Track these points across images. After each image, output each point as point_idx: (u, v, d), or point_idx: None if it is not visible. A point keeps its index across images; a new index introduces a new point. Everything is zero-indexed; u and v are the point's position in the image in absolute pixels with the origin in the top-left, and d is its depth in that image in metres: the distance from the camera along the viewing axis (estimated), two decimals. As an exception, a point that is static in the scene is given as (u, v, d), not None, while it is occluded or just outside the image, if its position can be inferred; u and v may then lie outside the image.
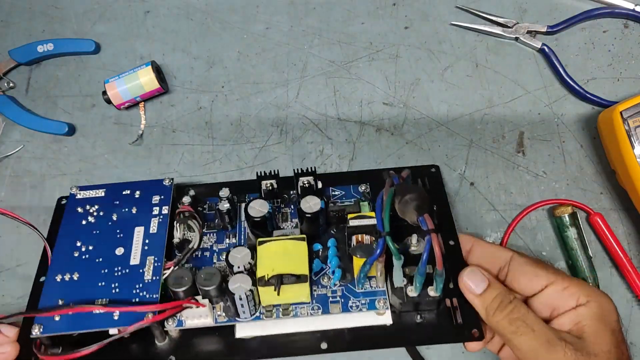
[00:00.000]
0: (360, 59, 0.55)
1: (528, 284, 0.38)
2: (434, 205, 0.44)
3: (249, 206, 0.41)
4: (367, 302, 0.39)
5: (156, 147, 0.53)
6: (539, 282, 0.38)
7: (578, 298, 0.36)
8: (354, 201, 0.45)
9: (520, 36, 0.55)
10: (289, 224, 0.44)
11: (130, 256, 0.41)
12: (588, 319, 0.36)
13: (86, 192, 0.45)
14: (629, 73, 0.54)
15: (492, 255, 0.40)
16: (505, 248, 0.40)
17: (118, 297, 0.39)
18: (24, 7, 0.59)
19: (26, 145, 0.53)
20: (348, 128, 0.53)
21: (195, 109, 0.54)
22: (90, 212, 0.43)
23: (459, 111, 0.53)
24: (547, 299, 0.37)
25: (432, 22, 0.56)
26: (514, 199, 0.50)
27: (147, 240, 0.42)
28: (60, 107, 0.55)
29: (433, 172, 0.47)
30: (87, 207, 0.44)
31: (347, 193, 0.45)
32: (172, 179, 0.45)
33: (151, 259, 0.41)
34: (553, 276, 0.38)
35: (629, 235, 0.49)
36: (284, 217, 0.44)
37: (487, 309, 0.37)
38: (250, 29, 0.57)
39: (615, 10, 0.55)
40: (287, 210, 0.44)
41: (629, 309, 0.47)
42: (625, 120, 0.46)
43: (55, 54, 0.56)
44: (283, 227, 0.43)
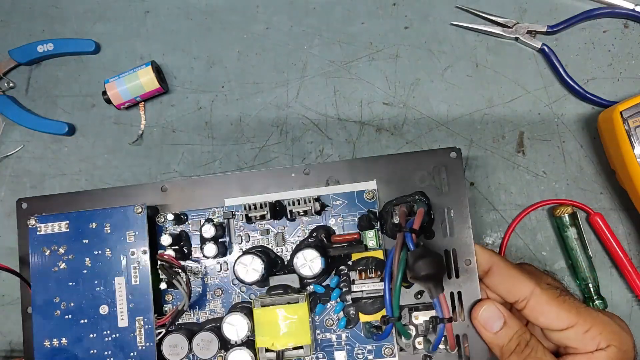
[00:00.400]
0: (360, 59, 0.55)
1: (548, 323, 0.36)
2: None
3: (239, 263, 0.37)
4: (373, 348, 0.37)
5: (156, 147, 0.53)
6: (560, 323, 0.36)
7: (599, 343, 0.35)
8: (357, 219, 0.40)
9: (520, 36, 0.55)
10: (288, 247, 0.40)
11: (117, 316, 0.38)
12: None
13: (47, 224, 0.40)
14: (629, 73, 0.53)
15: (512, 285, 0.37)
16: (528, 277, 0.37)
17: None
18: (24, 7, 0.59)
19: (26, 145, 0.53)
20: (348, 128, 0.53)
21: (195, 109, 0.54)
22: (59, 256, 0.39)
23: (459, 111, 0.53)
24: (566, 339, 0.36)
25: (432, 22, 0.56)
26: (514, 199, 0.50)
27: (131, 295, 0.38)
28: (60, 107, 0.55)
29: (453, 159, 0.39)
30: (54, 248, 0.40)
31: (350, 202, 0.40)
32: (144, 205, 0.40)
33: (140, 320, 0.38)
34: (575, 318, 0.35)
35: (629, 235, 0.49)
36: (278, 239, 0.40)
37: (502, 350, 0.35)
38: (250, 29, 0.57)
39: (615, 10, 0.55)
40: (283, 229, 0.40)
41: (629, 309, 0.47)
42: (625, 120, 0.46)
43: (55, 54, 0.56)
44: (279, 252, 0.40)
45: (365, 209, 0.40)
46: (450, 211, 0.39)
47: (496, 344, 0.35)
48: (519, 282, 0.36)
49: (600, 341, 0.35)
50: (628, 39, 0.54)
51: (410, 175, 0.40)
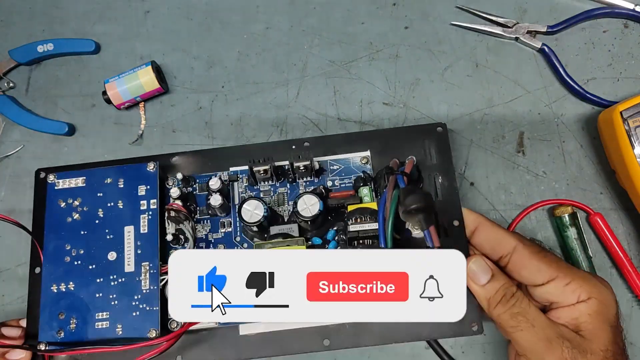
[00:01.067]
0: (360, 59, 0.55)
1: (529, 277, 0.38)
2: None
3: (243, 208, 0.40)
4: None
5: (156, 147, 0.53)
6: (541, 276, 0.37)
7: (579, 295, 0.36)
8: (353, 180, 0.42)
9: (520, 36, 0.55)
10: (286, 208, 0.42)
11: (124, 262, 0.40)
12: (587, 316, 0.36)
13: (65, 180, 0.42)
14: (629, 73, 0.54)
15: (496, 241, 0.39)
16: (511, 234, 0.39)
17: (118, 311, 0.39)
18: (24, 7, 0.59)
19: (26, 145, 0.53)
20: (348, 128, 0.53)
21: (195, 109, 0.54)
22: (74, 207, 0.42)
23: (459, 111, 0.53)
24: (548, 293, 0.37)
25: (432, 22, 0.56)
26: (514, 199, 0.50)
27: (139, 242, 0.40)
28: (60, 107, 0.55)
29: (440, 133, 0.44)
30: (69, 201, 0.42)
31: (346, 167, 0.43)
32: (157, 163, 0.43)
33: (146, 265, 0.40)
34: (555, 271, 0.37)
35: (629, 235, 0.49)
36: (280, 199, 0.43)
37: (489, 301, 0.37)
38: (250, 29, 0.57)
39: (615, 10, 0.55)
40: (284, 190, 0.43)
41: (629, 309, 0.47)
42: (625, 120, 0.46)
43: (55, 54, 0.56)
44: (280, 211, 0.42)
45: (360, 173, 0.43)
46: (439, 177, 0.42)
47: (484, 296, 0.37)
48: (503, 238, 0.39)
49: (581, 293, 0.36)
50: (628, 39, 0.54)
51: (401, 147, 0.44)
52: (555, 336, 0.35)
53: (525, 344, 0.35)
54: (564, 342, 0.35)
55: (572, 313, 0.36)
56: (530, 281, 0.38)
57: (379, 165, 0.43)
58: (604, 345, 0.35)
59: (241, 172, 0.44)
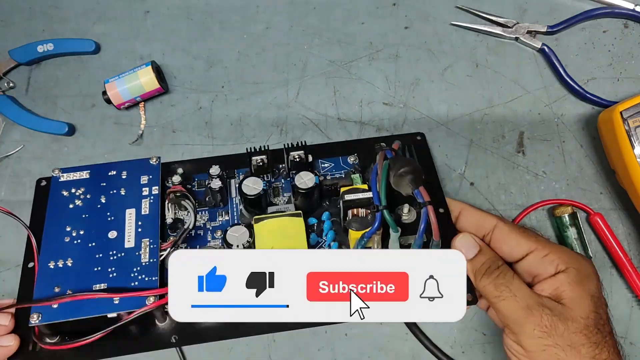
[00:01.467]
0: (360, 59, 0.55)
1: (510, 251, 0.39)
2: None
3: (243, 184, 0.41)
4: None
5: (156, 147, 0.53)
6: (520, 249, 0.39)
7: (557, 265, 0.38)
8: (344, 173, 0.45)
9: (520, 36, 0.55)
10: (282, 199, 0.43)
11: (124, 239, 0.40)
12: (567, 285, 0.37)
13: (69, 174, 0.43)
14: (629, 73, 0.54)
15: (478, 222, 0.41)
16: (491, 215, 0.41)
17: (116, 282, 0.38)
18: (24, 7, 0.59)
19: (26, 145, 0.53)
20: (348, 128, 0.53)
21: (195, 109, 0.54)
22: (77, 195, 0.42)
23: (459, 111, 0.53)
24: (529, 266, 0.39)
25: (432, 22, 0.56)
26: (514, 199, 0.50)
27: (140, 222, 0.41)
28: (60, 107, 0.55)
29: (419, 140, 0.47)
30: (73, 190, 0.42)
31: (336, 165, 0.46)
32: (159, 157, 0.44)
33: (146, 241, 0.40)
34: (534, 244, 0.39)
35: (629, 235, 0.49)
36: (275, 191, 0.44)
37: (475, 274, 0.39)
38: (250, 29, 0.57)
39: (615, 10, 0.55)
40: (279, 184, 0.44)
41: (629, 309, 0.47)
42: (625, 120, 0.46)
43: (55, 54, 0.56)
44: (276, 202, 0.43)
45: (350, 169, 0.45)
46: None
47: (471, 269, 0.39)
48: (485, 218, 0.41)
49: (559, 264, 0.37)
50: (628, 39, 0.55)
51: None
52: (536, 305, 0.36)
53: (507, 312, 0.37)
54: (544, 310, 0.36)
55: (553, 284, 0.37)
56: (511, 255, 0.40)
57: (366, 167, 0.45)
58: (584, 313, 0.36)
59: (239, 171, 0.45)
